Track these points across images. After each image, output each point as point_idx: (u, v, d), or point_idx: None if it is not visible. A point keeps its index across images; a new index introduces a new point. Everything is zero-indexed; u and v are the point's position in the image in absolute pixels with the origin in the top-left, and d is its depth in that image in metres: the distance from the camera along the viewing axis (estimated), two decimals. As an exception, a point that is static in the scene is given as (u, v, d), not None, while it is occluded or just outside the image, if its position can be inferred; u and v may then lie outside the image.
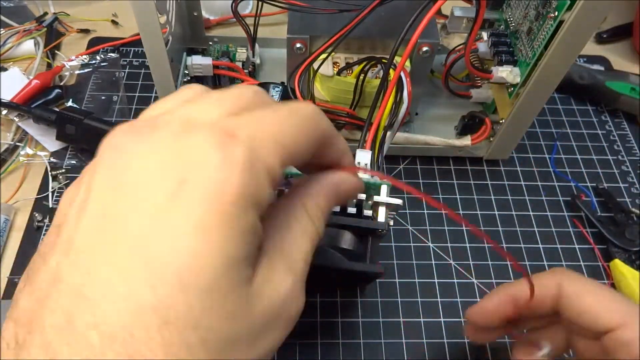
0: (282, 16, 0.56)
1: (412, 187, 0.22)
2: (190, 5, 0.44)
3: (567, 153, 0.49)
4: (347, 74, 0.38)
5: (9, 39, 0.51)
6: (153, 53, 0.34)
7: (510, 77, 0.38)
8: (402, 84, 0.34)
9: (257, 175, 0.17)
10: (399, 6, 0.34)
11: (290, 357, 0.36)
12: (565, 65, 0.35)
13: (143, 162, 0.17)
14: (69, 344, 0.14)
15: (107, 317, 0.14)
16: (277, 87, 0.35)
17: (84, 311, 0.15)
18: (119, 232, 0.16)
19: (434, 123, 0.46)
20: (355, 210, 0.31)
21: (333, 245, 0.29)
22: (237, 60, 0.46)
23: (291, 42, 0.37)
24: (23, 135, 0.46)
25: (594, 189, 0.46)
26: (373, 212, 0.31)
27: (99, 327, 0.14)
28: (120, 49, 0.54)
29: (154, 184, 0.16)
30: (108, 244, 0.16)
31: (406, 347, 0.37)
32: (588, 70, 0.52)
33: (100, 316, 0.14)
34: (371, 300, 0.39)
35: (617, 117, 0.52)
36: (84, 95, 0.49)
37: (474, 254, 0.42)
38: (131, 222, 0.16)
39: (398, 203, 0.30)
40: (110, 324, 0.14)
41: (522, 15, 0.38)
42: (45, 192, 0.42)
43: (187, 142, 0.17)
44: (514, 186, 0.46)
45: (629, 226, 0.42)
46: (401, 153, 0.46)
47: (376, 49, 0.38)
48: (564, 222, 0.44)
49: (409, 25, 0.30)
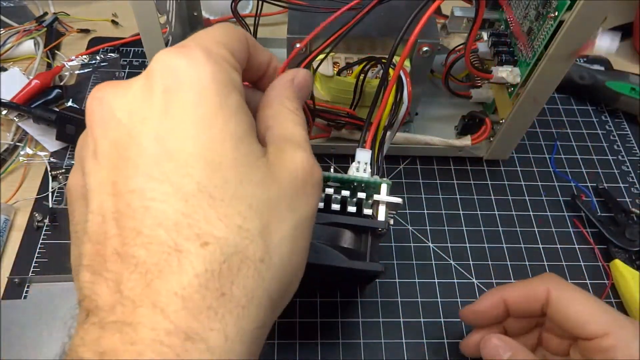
0: (282, 16, 0.56)
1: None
2: (190, 5, 0.44)
3: (567, 153, 0.49)
4: (347, 74, 0.38)
5: (9, 39, 0.51)
6: (153, 53, 0.34)
7: (510, 77, 0.38)
8: (402, 84, 0.34)
9: (219, 63, 0.20)
10: (398, 6, 0.34)
11: (290, 357, 0.36)
12: (565, 65, 0.35)
13: (132, 97, 0.20)
14: (144, 245, 0.17)
15: (165, 214, 0.17)
16: None
17: (148, 217, 0.17)
18: (140, 155, 0.18)
19: (434, 123, 0.46)
20: (355, 209, 0.31)
21: (333, 244, 0.29)
22: (237, 60, 0.46)
23: (291, 42, 0.37)
24: (23, 135, 0.46)
25: (594, 189, 0.46)
26: (373, 211, 0.31)
27: (162, 223, 0.17)
28: (120, 49, 0.54)
29: (146, 105, 0.19)
30: (137, 166, 0.18)
31: (406, 347, 0.37)
32: (588, 70, 0.52)
33: (161, 216, 0.17)
34: (371, 300, 0.39)
35: (617, 117, 0.52)
36: (84, 95, 0.49)
37: (474, 254, 0.42)
38: (145, 145, 0.18)
39: (398, 202, 0.30)
40: (169, 218, 0.17)
41: (522, 15, 0.38)
42: (45, 192, 0.42)
43: (154, 65, 0.20)
44: (514, 186, 0.46)
45: (629, 226, 0.42)
46: (401, 153, 0.46)
47: (376, 48, 0.38)
48: (564, 222, 0.44)
49: (407, 25, 0.30)
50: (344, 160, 0.45)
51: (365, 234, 0.31)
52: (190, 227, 0.17)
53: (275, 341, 0.36)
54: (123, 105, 0.19)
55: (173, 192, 0.17)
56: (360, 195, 0.31)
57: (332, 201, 0.30)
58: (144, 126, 0.18)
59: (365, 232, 0.31)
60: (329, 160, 0.46)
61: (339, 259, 0.29)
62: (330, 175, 0.30)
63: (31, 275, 0.38)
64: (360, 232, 0.31)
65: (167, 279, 0.16)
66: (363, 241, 0.31)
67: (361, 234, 0.31)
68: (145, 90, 0.19)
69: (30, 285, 0.37)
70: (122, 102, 0.20)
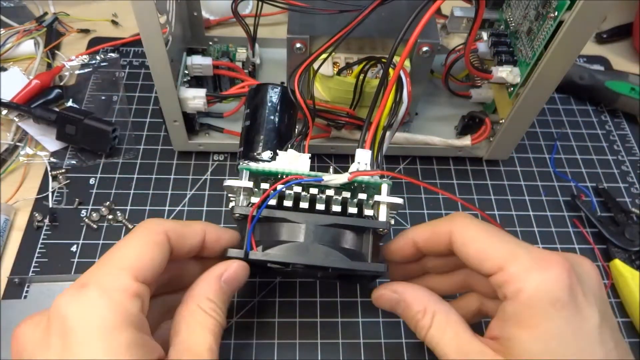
0: (282, 16, 0.56)
1: (412, 179, 0.27)
2: (190, 5, 0.44)
3: (567, 153, 0.49)
4: (347, 74, 0.38)
5: (9, 39, 0.51)
6: (153, 53, 0.34)
7: (510, 77, 0.38)
8: (402, 84, 0.34)
9: (114, 301, 0.23)
10: (399, 6, 0.34)
11: (290, 357, 0.36)
12: (565, 65, 0.35)
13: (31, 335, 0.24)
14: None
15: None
16: (275, 88, 0.35)
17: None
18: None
19: (434, 123, 0.46)
20: (357, 210, 0.31)
21: (335, 245, 0.29)
22: (237, 60, 0.46)
23: (291, 42, 0.37)
24: (23, 135, 0.46)
25: (594, 189, 0.46)
26: (374, 212, 0.31)
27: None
28: (120, 49, 0.54)
29: (44, 348, 0.23)
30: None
31: (406, 347, 0.37)
32: (588, 70, 0.52)
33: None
34: (371, 300, 0.38)
35: (617, 117, 0.52)
36: (84, 95, 0.49)
37: (474, 254, 0.41)
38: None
39: (399, 202, 0.30)
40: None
41: (522, 15, 0.38)
42: (45, 192, 0.42)
43: (52, 312, 0.23)
44: (514, 186, 0.46)
45: (629, 226, 0.42)
46: (401, 153, 0.46)
47: (376, 49, 0.38)
48: (564, 222, 0.44)
49: (408, 25, 0.30)
50: (344, 160, 0.45)
51: (366, 234, 0.31)
52: None
53: (275, 341, 0.36)
54: (28, 345, 0.23)
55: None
56: (361, 196, 0.31)
57: (332, 202, 0.30)
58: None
59: (367, 233, 0.31)
60: (328, 160, 0.46)
61: (342, 260, 0.29)
62: (327, 186, 0.30)
63: (31, 275, 0.38)
64: (361, 233, 0.31)
65: None
66: (364, 242, 0.31)
67: (362, 235, 0.31)
68: (44, 336, 0.23)
69: (30, 285, 0.37)
70: (29, 341, 0.23)
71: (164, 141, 0.46)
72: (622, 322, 0.39)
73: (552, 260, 0.25)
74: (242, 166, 0.31)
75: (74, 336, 0.22)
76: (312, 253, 0.29)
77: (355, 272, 0.30)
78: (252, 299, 0.38)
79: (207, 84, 0.45)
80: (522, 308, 0.25)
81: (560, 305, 0.24)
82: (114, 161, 0.45)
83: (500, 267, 0.26)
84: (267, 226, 0.30)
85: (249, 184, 0.30)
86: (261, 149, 0.33)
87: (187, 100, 0.39)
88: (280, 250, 0.29)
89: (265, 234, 0.30)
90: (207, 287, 0.27)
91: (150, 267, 0.25)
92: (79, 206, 0.42)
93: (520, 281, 0.25)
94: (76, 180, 0.43)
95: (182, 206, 0.43)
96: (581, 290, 0.25)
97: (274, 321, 0.37)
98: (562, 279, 0.24)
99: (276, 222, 0.30)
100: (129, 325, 0.23)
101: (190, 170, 0.45)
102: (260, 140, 0.34)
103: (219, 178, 0.45)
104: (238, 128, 0.44)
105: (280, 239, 0.29)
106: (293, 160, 0.31)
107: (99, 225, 0.41)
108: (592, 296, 0.25)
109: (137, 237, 0.26)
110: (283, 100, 0.35)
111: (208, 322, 0.26)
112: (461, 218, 0.29)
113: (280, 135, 0.34)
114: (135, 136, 0.47)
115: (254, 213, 0.29)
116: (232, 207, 0.30)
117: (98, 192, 0.43)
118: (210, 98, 0.40)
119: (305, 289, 0.39)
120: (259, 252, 0.29)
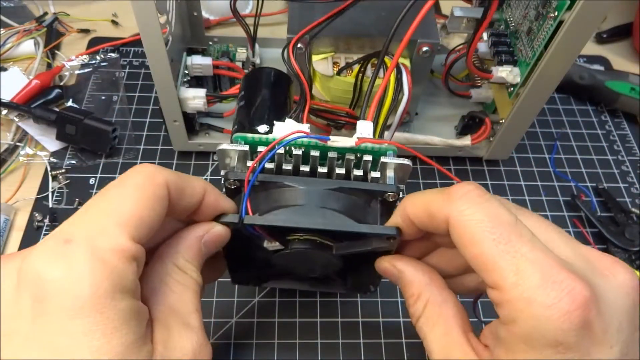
0: (282, 16, 0.56)
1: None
2: (190, 5, 0.44)
3: (567, 153, 0.49)
4: (347, 73, 0.38)
5: (9, 39, 0.51)
6: (153, 53, 0.34)
7: (510, 77, 0.38)
8: (401, 73, 0.33)
9: (107, 264, 0.19)
10: (399, 6, 0.34)
11: (290, 357, 0.36)
12: (565, 65, 0.35)
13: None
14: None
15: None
16: (269, 70, 0.34)
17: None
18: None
19: (434, 123, 0.46)
20: (362, 172, 0.27)
21: (339, 210, 0.26)
22: (237, 60, 0.46)
23: (291, 41, 0.37)
24: (23, 135, 0.46)
25: (594, 189, 0.46)
26: (381, 175, 0.27)
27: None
28: (120, 49, 0.54)
29: (15, 315, 0.18)
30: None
31: (406, 347, 0.37)
32: (588, 70, 0.52)
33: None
34: (371, 301, 0.39)
35: (617, 117, 0.52)
36: (84, 95, 0.49)
37: (474, 254, 0.41)
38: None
39: (407, 163, 0.27)
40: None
41: (522, 15, 0.38)
42: (45, 192, 0.42)
43: (23, 275, 0.19)
44: (514, 186, 0.46)
45: (629, 226, 0.42)
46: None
47: (376, 48, 0.38)
48: (564, 222, 0.44)
49: (402, 16, 0.30)
50: (344, 160, 0.45)
51: (374, 201, 0.27)
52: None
53: (275, 341, 0.36)
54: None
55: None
56: (366, 158, 0.27)
57: (335, 165, 0.27)
58: (11, 339, 0.18)
59: (375, 199, 0.27)
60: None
61: (347, 223, 0.26)
62: (332, 147, 0.27)
63: (31, 275, 0.38)
64: (368, 199, 0.27)
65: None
66: (372, 208, 0.27)
67: (370, 201, 0.27)
68: (14, 301, 0.19)
69: (30, 285, 0.37)
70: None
71: (164, 141, 0.46)
72: (622, 322, 0.39)
73: (567, 286, 0.19)
74: (236, 135, 0.27)
75: (53, 306, 0.18)
76: (315, 216, 0.25)
77: (363, 239, 0.26)
78: (252, 299, 0.38)
79: (207, 84, 0.45)
80: (516, 342, 0.20)
81: (564, 349, 0.18)
82: (114, 161, 0.45)
83: (497, 284, 0.20)
84: (264, 193, 0.27)
85: (245, 147, 0.27)
86: (256, 124, 0.30)
87: (187, 100, 0.39)
88: (278, 214, 0.25)
89: (262, 202, 0.26)
90: (187, 247, 0.24)
91: (148, 225, 0.21)
92: (79, 206, 0.42)
93: (517, 311, 0.19)
94: (76, 180, 0.43)
95: (182, 206, 0.42)
96: (600, 325, 0.19)
97: (274, 321, 0.37)
98: (572, 317, 0.18)
99: (274, 187, 0.26)
100: (126, 294, 0.19)
101: (190, 170, 0.45)
102: (255, 116, 0.31)
103: (219, 178, 0.44)
104: (238, 128, 0.44)
105: (279, 204, 0.26)
106: (291, 130, 0.27)
107: (99, 225, 0.41)
108: (615, 331, 0.19)
109: (135, 186, 0.21)
110: (277, 81, 0.34)
111: (189, 282, 0.23)
112: (461, 199, 0.21)
113: (276, 111, 0.32)
114: (135, 136, 0.47)
115: (249, 177, 0.25)
116: (226, 174, 0.26)
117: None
118: (210, 98, 0.40)
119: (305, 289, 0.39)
120: (256, 217, 0.25)
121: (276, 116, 0.31)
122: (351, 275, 0.34)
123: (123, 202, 0.20)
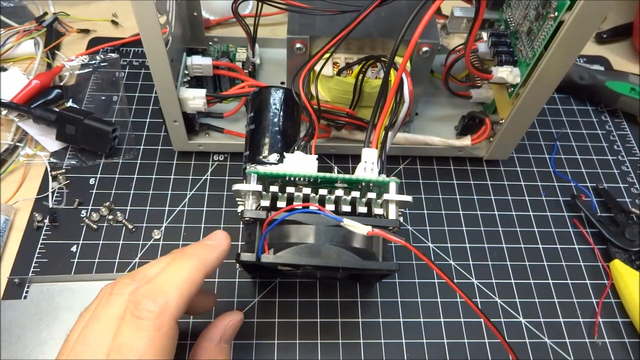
0: (282, 16, 0.56)
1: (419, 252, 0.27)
2: (190, 5, 0.44)
3: (567, 153, 0.49)
4: (347, 74, 0.38)
5: (9, 39, 0.51)
6: (153, 53, 0.34)
7: (510, 77, 0.38)
8: (403, 83, 0.33)
9: (167, 332, 0.24)
10: (399, 6, 0.34)
11: (290, 357, 0.36)
12: (565, 65, 0.35)
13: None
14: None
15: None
16: (278, 91, 0.35)
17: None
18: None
19: (434, 123, 0.46)
20: (366, 209, 0.31)
21: (345, 245, 0.29)
22: (237, 60, 0.46)
23: (291, 42, 0.37)
24: (23, 135, 0.46)
25: (594, 189, 0.46)
26: (383, 210, 0.31)
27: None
28: (120, 49, 0.54)
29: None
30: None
31: (406, 347, 0.37)
32: (588, 70, 0.52)
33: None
34: (371, 301, 0.39)
35: (617, 117, 0.52)
36: (84, 95, 0.49)
37: (474, 254, 0.42)
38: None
39: (408, 200, 0.30)
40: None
41: (522, 15, 0.38)
42: (45, 192, 0.42)
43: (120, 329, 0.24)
44: (514, 186, 0.46)
45: (629, 226, 0.42)
46: (401, 153, 0.46)
47: (376, 49, 0.38)
48: (564, 222, 0.44)
49: (408, 24, 0.30)
50: (343, 160, 0.45)
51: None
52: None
53: (276, 341, 0.36)
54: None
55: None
56: (370, 195, 0.31)
57: (341, 202, 0.30)
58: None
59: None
60: (329, 160, 0.46)
61: (354, 261, 0.29)
62: (338, 177, 0.30)
63: (31, 275, 0.38)
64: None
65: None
66: (374, 241, 0.31)
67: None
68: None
69: (30, 285, 0.37)
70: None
71: (164, 141, 0.46)
72: (622, 322, 0.39)
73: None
74: (249, 170, 0.30)
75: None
76: (324, 254, 0.29)
77: (366, 271, 0.30)
78: (252, 299, 0.38)
79: (207, 84, 0.45)
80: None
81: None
82: (114, 161, 0.45)
83: None
84: (276, 228, 0.30)
85: (258, 187, 0.30)
86: (267, 152, 0.33)
87: (187, 100, 0.39)
88: (291, 252, 0.29)
89: (275, 236, 0.30)
90: (218, 334, 0.31)
91: (195, 289, 0.27)
92: (79, 206, 0.42)
93: None
94: (76, 180, 0.43)
95: (182, 206, 0.43)
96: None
97: (274, 321, 0.37)
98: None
99: (286, 224, 0.29)
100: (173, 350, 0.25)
101: (190, 170, 0.45)
102: (266, 144, 0.34)
103: (219, 178, 0.45)
104: (238, 128, 0.44)
105: (290, 240, 0.29)
106: (300, 162, 0.31)
107: (98, 226, 0.41)
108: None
109: (192, 271, 0.27)
110: (287, 102, 0.35)
111: (225, 351, 0.30)
112: None
113: (285, 138, 0.34)
114: (135, 136, 0.47)
115: (265, 228, 0.29)
116: (242, 211, 0.30)
117: (98, 192, 0.43)
118: (210, 98, 0.40)
119: (305, 289, 0.39)
120: (270, 255, 0.29)
121: (286, 142, 0.34)
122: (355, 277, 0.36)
123: (189, 280, 0.27)
